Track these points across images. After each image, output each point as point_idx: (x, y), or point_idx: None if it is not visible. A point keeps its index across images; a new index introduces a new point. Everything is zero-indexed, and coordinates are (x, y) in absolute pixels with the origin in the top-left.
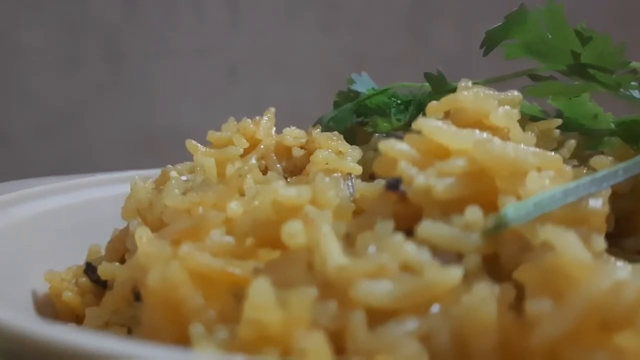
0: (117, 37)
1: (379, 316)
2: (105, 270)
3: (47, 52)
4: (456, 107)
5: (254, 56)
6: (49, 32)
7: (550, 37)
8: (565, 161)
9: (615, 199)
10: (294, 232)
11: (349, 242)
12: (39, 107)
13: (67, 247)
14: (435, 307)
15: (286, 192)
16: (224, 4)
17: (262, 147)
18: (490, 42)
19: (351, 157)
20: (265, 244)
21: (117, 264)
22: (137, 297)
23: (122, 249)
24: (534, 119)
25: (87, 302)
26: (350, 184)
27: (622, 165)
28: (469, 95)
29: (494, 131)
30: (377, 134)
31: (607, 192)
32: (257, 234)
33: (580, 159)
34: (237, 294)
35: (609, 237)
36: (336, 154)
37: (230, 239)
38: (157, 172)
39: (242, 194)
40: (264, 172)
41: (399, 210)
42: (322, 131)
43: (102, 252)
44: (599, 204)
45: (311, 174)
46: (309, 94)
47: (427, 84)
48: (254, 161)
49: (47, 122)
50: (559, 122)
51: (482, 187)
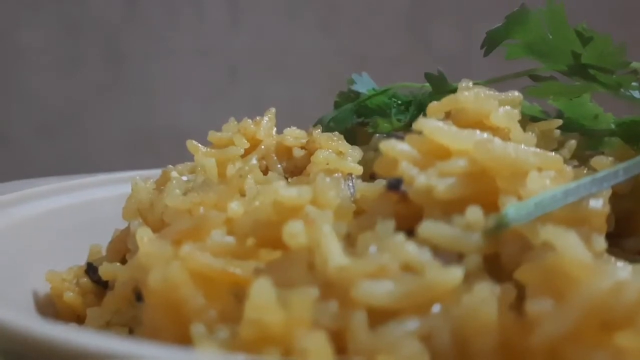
0: (117, 37)
1: (379, 316)
2: (106, 270)
3: (47, 52)
4: (457, 108)
5: (254, 56)
6: (49, 32)
7: (550, 37)
8: (565, 161)
9: (615, 199)
10: (294, 232)
11: (350, 242)
12: (39, 107)
13: (68, 247)
14: (436, 307)
15: (287, 192)
16: (224, 4)
17: (262, 147)
18: (490, 43)
19: (352, 157)
20: (266, 244)
21: (118, 264)
22: (139, 297)
23: (123, 249)
24: (535, 120)
25: (88, 302)
26: (350, 184)
27: (623, 165)
28: (470, 95)
29: (495, 131)
30: (377, 135)
31: (608, 193)
32: (258, 234)
33: (580, 159)
34: (238, 294)
35: (609, 237)
36: (337, 154)
37: (231, 239)
38: (157, 172)
39: (243, 194)
40: (265, 172)
41: (400, 210)
42: (323, 131)
43: (103, 253)
44: (599, 204)
45: (312, 174)
46: (309, 94)
47: (427, 84)
48: (254, 161)
49: (47, 122)
50: (560, 122)
51: (482, 187)
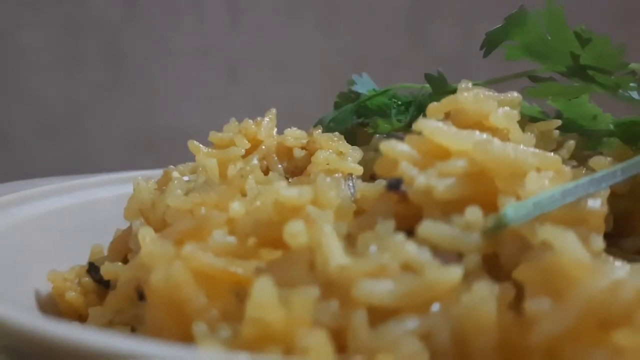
0: (117, 37)
1: (380, 315)
2: (107, 270)
3: (47, 52)
4: (456, 108)
5: (254, 56)
6: (49, 32)
7: (549, 38)
8: (564, 162)
9: (613, 199)
10: (295, 232)
11: (350, 242)
12: (39, 107)
13: (70, 247)
14: (435, 306)
15: (288, 192)
16: (224, 4)
17: (263, 147)
18: (490, 44)
19: (352, 157)
20: (267, 244)
21: (120, 263)
22: (141, 296)
23: (124, 249)
24: (534, 120)
25: (90, 301)
26: (351, 184)
27: (621, 165)
28: (469, 96)
29: (494, 132)
30: (377, 135)
31: (606, 193)
32: (259, 234)
33: (579, 159)
34: (240, 293)
35: (607, 237)
36: (337, 154)
37: (232, 239)
38: (159, 172)
39: (244, 195)
40: (266, 172)
41: (400, 210)
42: (323, 132)
43: (105, 252)
44: (597, 204)
45: (312, 174)
46: (309, 94)
47: (427, 85)
48: (255, 162)
49: (47, 122)
50: (559, 123)
51: (482, 188)
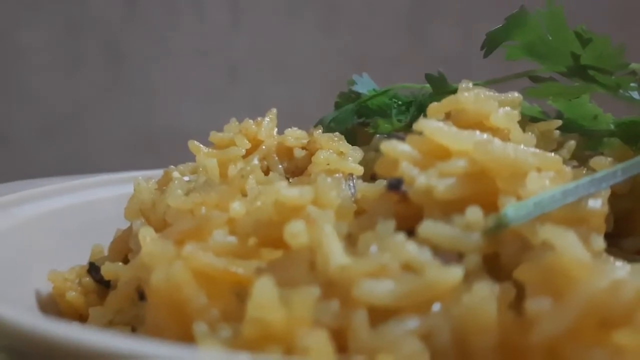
0: (117, 37)
1: (380, 315)
2: (108, 270)
3: (47, 53)
4: (457, 109)
5: (254, 57)
6: (50, 33)
7: (550, 38)
8: (565, 162)
9: (614, 199)
10: (296, 232)
11: (351, 242)
12: (39, 108)
13: (70, 247)
14: (436, 306)
15: (288, 192)
16: (224, 5)
17: (264, 147)
18: (490, 44)
19: (352, 157)
20: (267, 244)
21: (120, 263)
22: (142, 296)
23: (125, 249)
24: (534, 120)
25: (91, 301)
26: (351, 185)
27: (621, 165)
28: (470, 96)
29: (495, 132)
30: (378, 135)
31: (606, 193)
32: (260, 234)
33: (580, 159)
34: (240, 293)
35: (608, 237)
36: (338, 154)
37: (233, 239)
38: (159, 172)
39: (245, 195)
40: (266, 172)
41: (400, 210)
42: (324, 132)
43: (105, 252)
44: (598, 204)
45: (313, 174)
46: (309, 94)
47: (427, 85)
48: (256, 162)
49: (47, 123)
50: (559, 123)
51: (482, 188)
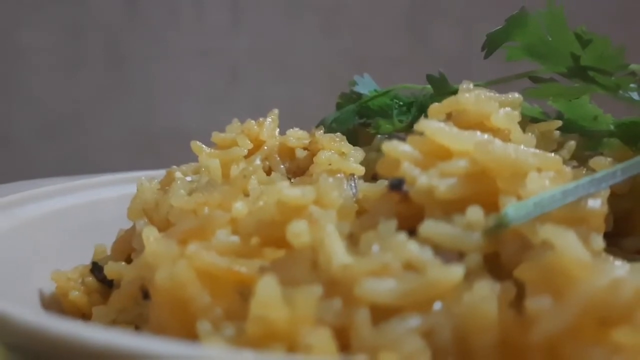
0: (118, 38)
1: (382, 313)
2: (111, 269)
3: (48, 53)
4: (458, 109)
5: (255, 57)
6: (51, 33)
7: (550, 39)
8: (565, 162)
9: (614, 199)
10: (298, 231)
11: (353, 241)
12: (40, 108)
13: (73, 247)
14: (437, 305)
15: (290, 192)
16: (225, 6)
17: (265, 148)
18: (491, 45)
19: (354, 158)
20: (270, 244)
21: (124, 263)
22: (145, 295)
23: (128, 248)
24: (535, 121)
25: (94, 301)
26: (353, 185)
27: (621, 166)
28: (471, 97)
29: (495, 133)
30: (379, 135)
31: (606, 193)
32: (262, 234)
33: (579, 160)
34: (243, 292)
35: (607, 236)
36: (339, 155)
37: (235, 239)
38: (161, 173)
39: (247, 195)
40: (268, 173)
41: (402, 210)
42: (325, 132)
43: (108, 252)
44: (597, 204)
45: (314, 174)
46: (310, 95)
47: (428, 85)
48: (258, 162)
49: (48, 123)
50: (559, 123)
51: (483, 188)
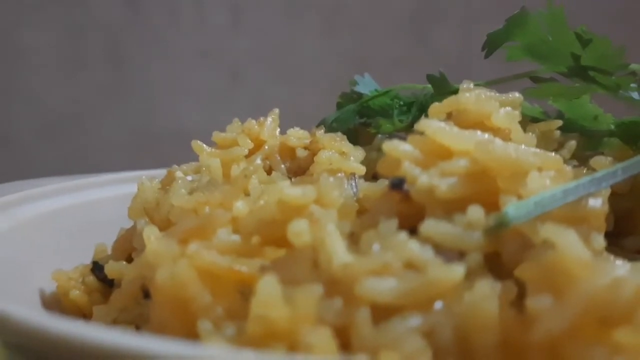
0: (119, 38)
1: (383, 313)
2: (112, 269)
3: (49, 53)
4: (458, 109)
5: (256, 58)
6: (51, 33)
7: (550, 39)
8: (565, 161)
9: (614, 198)
10: (299, 230)
11: (354, 240)
12: (41, 108)
13: (74, 247)
14: (438, 304)
15: (291, 191)
16: (225, 6)
17: (266, 147)
18: (491, 45)
19: (354, 157)
20: (271, 243)
21: (124, 262)
22: (146, 294)
23: (128, 248)
24: (535, 120)
25: (94, 300)
26: (354, 184)
27: (621, 165)
28: (471, 96)
29: (496, 132)
30: (379, 135)
31: (607, 192)
32: (263, 233)
33: (580, 159)
34: (244, 291)
35: (608, 236)
36: (340, 154)
37: (236, 238)
38: (162, 172)
39: (248, 194)
40: (268, 172)
41: (403, 209)
42: (326, 132)
43: (109, 251)
44: (598, 204)
45: (315, 174)
46: (310, 95)
47: (429, 85)
48: (258, 161)
49: (49, 123)
50: (560, 123)
51: (483, 187)
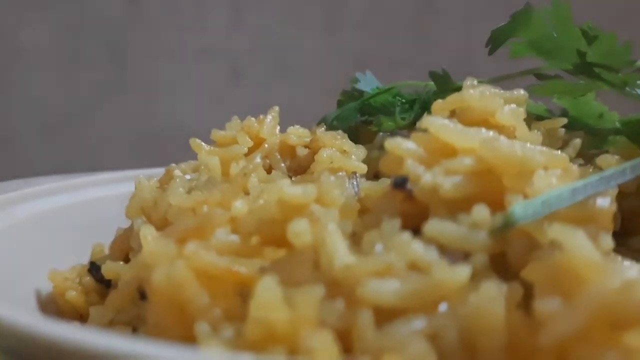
0: (119, 37)
1: (386, 315)
2: (109, 269)
3: (49, 52)
4: (462, 106)
5: (256, 56)
6: (52, 32)
7: (555, 35)
8: (571, 160)
9: (621, 197)
10: (299, 230)
11: (355, 241)
12: (40, 107)
13: (71, 246)
14: (442, 306)
15: (291, 190)
16: (226, 4)
17: (266, 146)
18: (495, 41)
19: (356, 156)
20: (270, 243)
21: (121, 263)
22: (143, 295)
23: (126, 248)
24: (539, 118)
25: (91, 301)
26: (355, 183)
27: (629, 164)
28: (475, 93)
29: (500, 130)
30: (381, 133)
31: (614, 191)
32: (263, 233)
33: (585, 157)
34: (243, 292)
35: (615, 235)
36: (341, 152)
37: (235, 238)
38: (160, 171)
39: (247, 193)
40: (268, 171)
41: (406, 208)
42: (327, 130)
43: (106, 251)
44: (606, 203)
45: (316, 172)
46: (311, 93)
47: (431, 82)
48: (258, 160)
49: (48, 122)
50: (565, 121)
51: (489, 186)
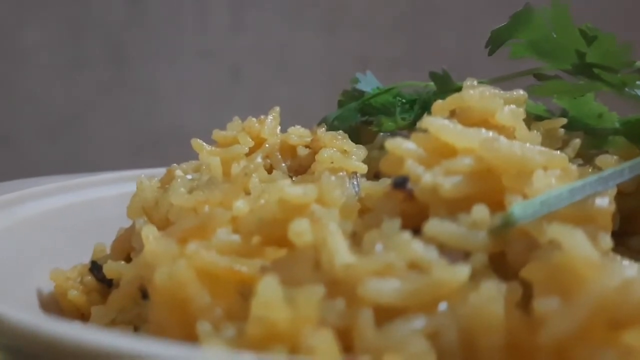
0: (120, 38)
1: (386, 314)
2: (110, 268)
3: (50, 53)
4: (462, 106)
5: (257, 57)
6: (53, 33)
7: (555, 36)
8: (570, 160)
9: (620, 197)
10: (300, 230)
11: (356, 240)
12: (41, 108)
13: (72, 246)
14: (442, 306)
15: (292, 190)
16: (227, 6)
17: (267, 146)
18: (495, 42)
19: (356, 156)
20: (271, 243)
21: (123, 262)
22: (144, 295)
23: (127, 247)
24: (539, 118)
25: (93, 300)
26: (355, 183)
27: (628, 164)
28: (475, 94)
29: (500, 130)
30: (382, 133)
31: (613, 191)
32: (264, 233)
33: (584, 158)
34: (244, 292)
35: (614, 235)
36: (341, 152)
37: (236, 238)
38: (162, 171)
39: (248, 193)
40: (269, 171)
41: (406, 208)
42: (327, 130)
43: (107, 251)
44: (605, 203)
45: (316, 172)
46: (311, 94)
47: (431, 83)
48: (259, 160)
49: (49, 123)
50: (564, 121)
51: (488, 186)
